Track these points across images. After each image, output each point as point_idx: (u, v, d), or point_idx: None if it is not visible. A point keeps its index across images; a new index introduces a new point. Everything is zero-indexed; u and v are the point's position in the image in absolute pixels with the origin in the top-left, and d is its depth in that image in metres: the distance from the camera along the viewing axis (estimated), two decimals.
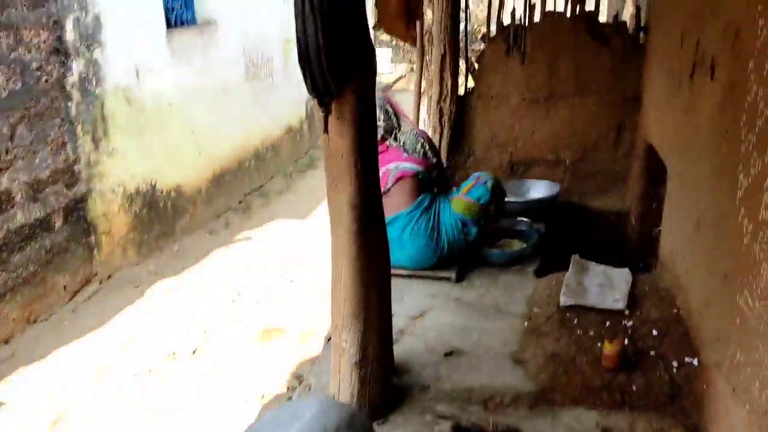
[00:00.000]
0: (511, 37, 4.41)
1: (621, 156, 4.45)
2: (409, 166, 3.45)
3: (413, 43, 2.89)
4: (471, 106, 4.61)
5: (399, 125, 3.58)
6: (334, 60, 1.94)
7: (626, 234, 4.35)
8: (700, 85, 2.61)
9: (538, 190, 4.36)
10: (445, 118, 4.51)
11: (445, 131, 4.54)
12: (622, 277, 3.20)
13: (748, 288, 1.92)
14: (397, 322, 3.01)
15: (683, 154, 2.91)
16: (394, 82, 13.24)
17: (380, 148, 3.54)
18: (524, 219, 3.97)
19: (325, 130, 2.12)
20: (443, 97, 4.47)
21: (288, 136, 9.42)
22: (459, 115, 4.61)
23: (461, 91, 4.69)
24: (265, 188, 8.51)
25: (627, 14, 6.03)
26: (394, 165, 3.46)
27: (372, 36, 2.12)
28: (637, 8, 4.18)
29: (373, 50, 2.09)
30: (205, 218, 7.06)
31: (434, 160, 3.55)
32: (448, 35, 4.34)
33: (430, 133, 4.62)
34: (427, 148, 3.53)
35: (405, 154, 3.49)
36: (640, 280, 3.21)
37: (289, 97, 9.61)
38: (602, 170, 4.50)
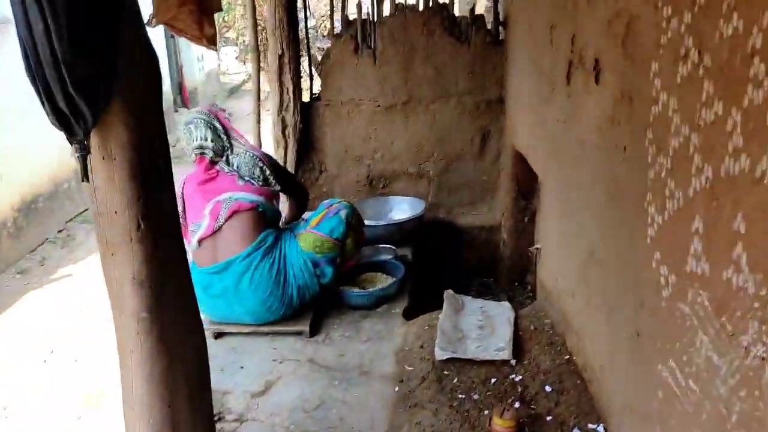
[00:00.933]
0: (359, 34, 3.86)
1: (488, 165, 4.07)
2: (246, 196, 2.79)
3: (210, 43, 2.22)
4: (319, 114, 4.02)
5: (231, 145, 2.91)
6: (81, 66, 1.25)
7: (499, 251, 3.97)
8: (582, 91, 2.18)
9: (402, 208, 3.86)
10: (289, 129, 3.88)
11: (290, 145, 3.91)
12: (503, 315, 2.76)
13: (675, 359, 1.48)
14: (234, 404, 2.35)
15: (562, 169, 2.51)
16: (242, 84, 12.37)
17: (209, 174, 2.85)
18: (388, 246, 3.45)
19: (85, 177, 1.43)
20: (284, 105, 3.84)
21: None
22: (305, 125, 4.00)
23: (307, 97, 4.09)
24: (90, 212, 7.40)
25: (482, 6, 5.72)
26: (227, 196, 2.79)
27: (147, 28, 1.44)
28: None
29: (149, 45, 1.42)
30: (13, 255, 5.91)
31: (278, 187, 2.92)
32: (284, 32, 3.71)
33: (272, 148, 3.97)
34: (268, 173, 2.90)
35: (240, 181, 2.83)
36: (523, 316, 2.78)
37: None
38: (469, 182, 4.09)
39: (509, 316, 2.72)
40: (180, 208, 2.94)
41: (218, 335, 2.87)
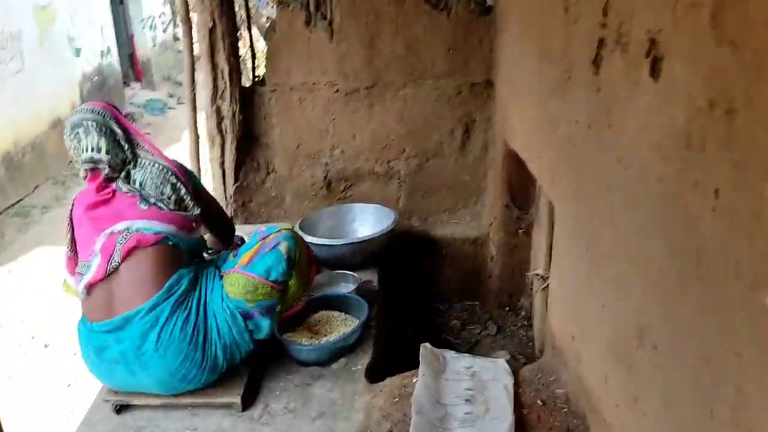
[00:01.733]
0: (311, 2, 3.09)
1: (472, 162, 3.37)
2: (150, 226, 2.06)
3: None
4: (263, 102, 3.26)
5: (134, 156, 2.17)
6: None
7: (485, 268, 3.29)
8: (623, 85, 1.48)
9: (366, 220, 3.15)
10: (226, 122, 3.13)
11: (228, 141, 3.17)
12: (498, 381, 2.08)
13: None
14: None
15: (584, 190, 1.81)
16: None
17: (102, 195, 2.11)
18: (348, 273, 2.75)
19: None
20: (219, 91, 3.08)
21: (57, 130, 7.43)
22: (247, 116, 3.24)
23: (248, 81, 3.33)
24: (25, 204, 6.56)
25: None
26: (124, 226, 2.05)
27: None
28: None
29: None
30: None
31: (196, 210, 2.19)
32: None
33: (207, 147, 3.21)
34: (183, 191, 2.17)
35: (143, 204, 2.09)
36: (525, 381, 2.11)
37: (53, 80, 7.62)
38: (448, 183, 3.40)
39: (506, 383, 2.05)
40: (67, 238, 2.20)
41: (120, 408, 2.15)
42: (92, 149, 2.11)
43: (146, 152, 2.21)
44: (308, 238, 2.71)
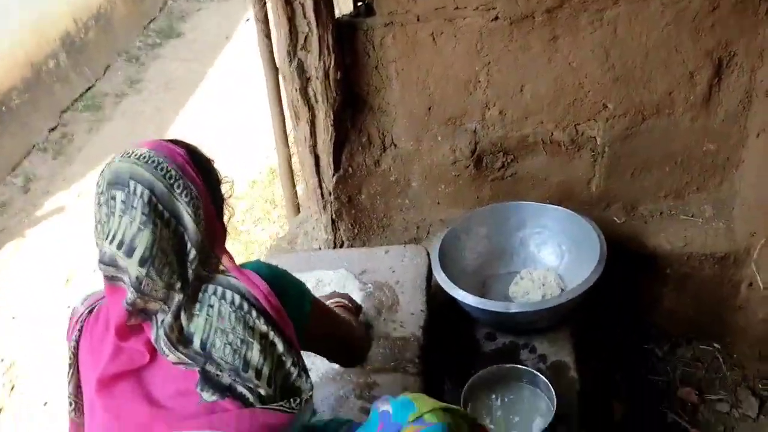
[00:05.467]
0: None
1: (722, 124, 2.07)
2: None
3: None
4: (373, 44, 2.03)
5: (208, 272, 1.14)
6: None
7: (737, 297, 2.11)
8: None
9: (546, 236, 2.03)
10: (315, 84, 1.96)
11: (321, 113, 2.02)
12: None
13: None
14: None
15: None
16: None
17: (129, 354, 1.17)
18: (525, 370, 1.69)
19: None
20: (299, 34, 1.87)
21: None
22: (348, 68, 2.04)
23: (346, 10, 2.08)
24: (95, 92, 5.67)
25: None
26: None
27: None
28: None
29: None
30: None
31: (307, 389, 1.17)
32: None
33: (276, 132, 2.08)
34: (282, 349, 1.14)
35: (208, 393, 1.09)
36: None
37: None
38: (677, 156, 2.14)
39: None
40: (69, 387, 1.27)
41: None
42: (119, 243, 1.07)
43: (219, 269, 1.16)
44: (454, 292, 1.68)
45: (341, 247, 2.29)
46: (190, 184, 1.12)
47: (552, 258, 2.07)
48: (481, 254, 2.10)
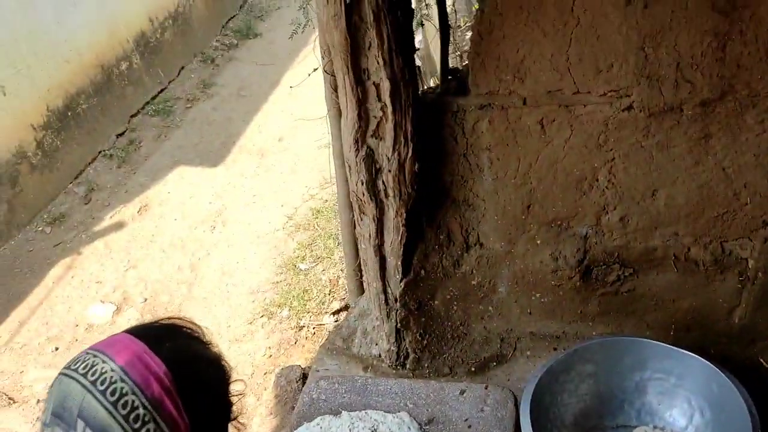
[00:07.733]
0: None
1: None
2: None
3: None
4: (463, 127, 1.60)
5: None
6: None
7: None
8: None
9: (668, 396, 1.57)
10: (386, 178, 1.56)
11: (391, 210, 1.61)
12: None
13: None
14: None
15: None
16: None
17: None
18: None
19: None
20: (372, 125, 1.47)
21: None
22: (428, 153, 1.63)
23: (428, 83, 1.66)
24: (167, 96, 5.47)
25: None
26: None
27: None
28: None
29: None
30: (42, 195, 4.25)
31: None
32: None
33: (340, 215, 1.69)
34: None
35: None
36: None
37: None
38: None
39: None
40: None
41: None
42: None
43: None
44: None
45: (406, 358, 1.89)
46: (163, 427, 0.76)
47: (678, 416, 1.61)
48: (583, 398, 1.66)
